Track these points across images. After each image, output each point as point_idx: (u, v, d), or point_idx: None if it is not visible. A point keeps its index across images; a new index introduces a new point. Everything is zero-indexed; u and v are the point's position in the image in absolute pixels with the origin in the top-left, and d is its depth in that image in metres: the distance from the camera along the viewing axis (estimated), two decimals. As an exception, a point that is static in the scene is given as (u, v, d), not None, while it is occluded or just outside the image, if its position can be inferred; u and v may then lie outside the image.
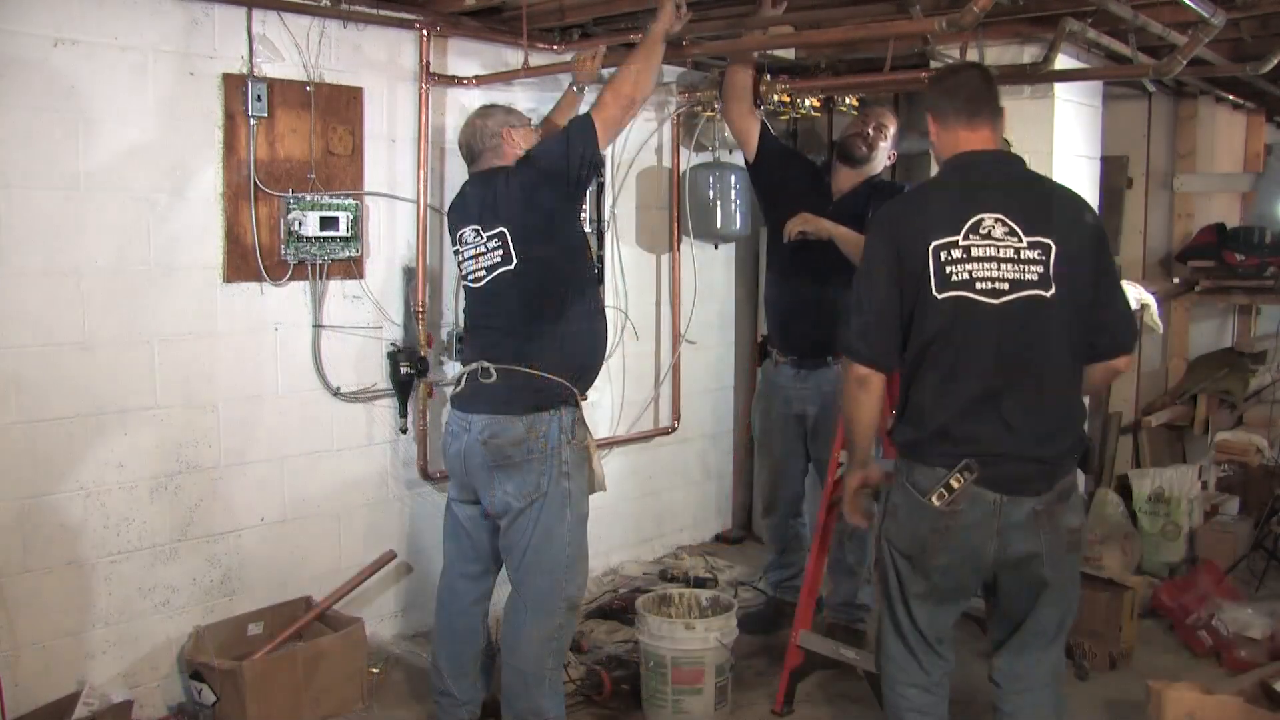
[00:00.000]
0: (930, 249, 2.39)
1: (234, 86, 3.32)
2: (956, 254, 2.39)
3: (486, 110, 3.16)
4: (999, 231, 2.40)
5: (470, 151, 3.13)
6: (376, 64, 3.70)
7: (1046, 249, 2.39)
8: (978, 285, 2.38)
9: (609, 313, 4.26)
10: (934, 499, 2.40)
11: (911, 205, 2.60)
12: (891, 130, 3.76)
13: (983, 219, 2.40)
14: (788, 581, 4.07)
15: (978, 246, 2.39)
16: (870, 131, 3.71)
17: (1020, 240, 2.39)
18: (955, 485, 2.39)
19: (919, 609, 2.55)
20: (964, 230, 2.40)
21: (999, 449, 2.40)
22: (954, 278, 2.39)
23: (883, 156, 3.76)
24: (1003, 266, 2.38)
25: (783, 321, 3.90)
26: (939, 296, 2.38)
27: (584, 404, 3.09)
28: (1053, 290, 2.38)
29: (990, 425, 2.41)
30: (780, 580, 4.12)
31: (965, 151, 2.50)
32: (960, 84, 2.54)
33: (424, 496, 3.95)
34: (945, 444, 2.42)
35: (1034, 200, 2.46)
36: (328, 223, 3.50)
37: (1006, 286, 2.38)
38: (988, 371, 2.40)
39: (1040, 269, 2.38)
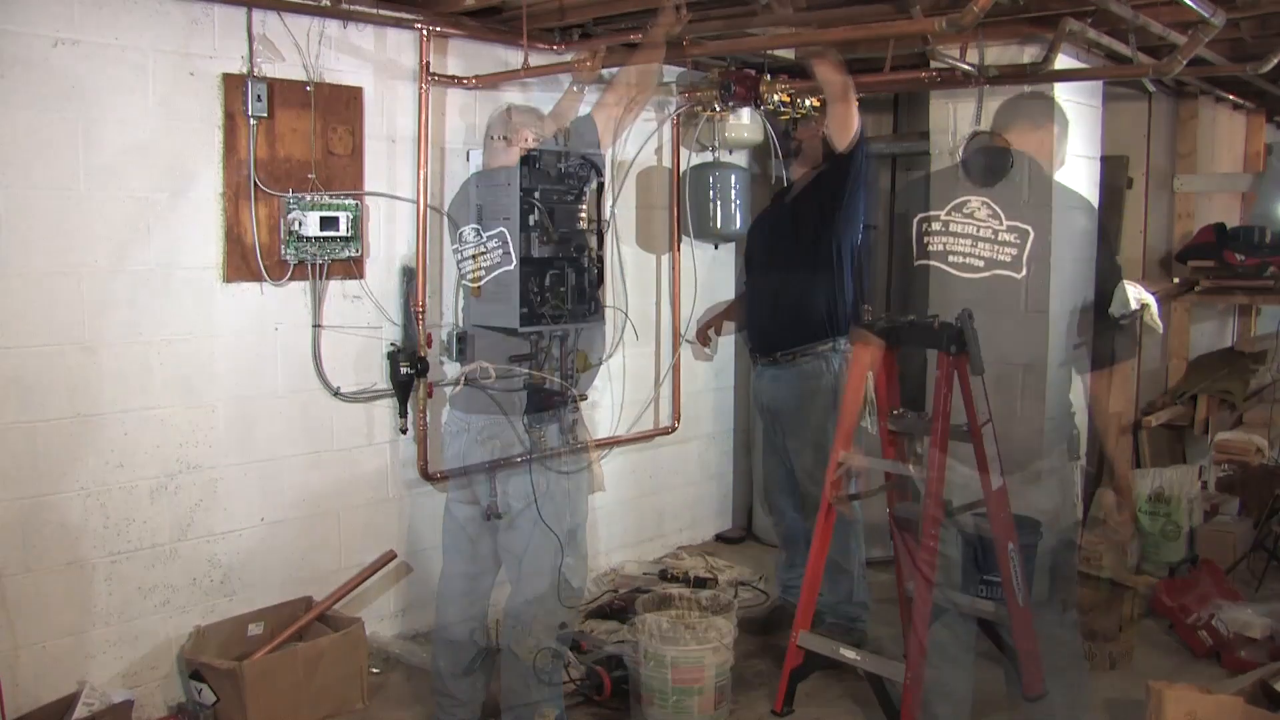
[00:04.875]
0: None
1: (234, 86, 3.32)
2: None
3: (499, 110, 3.18)
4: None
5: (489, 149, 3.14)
6: (376, 64, 3.70)
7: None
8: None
9: (609, 313, 4.27)
10: None
11: None
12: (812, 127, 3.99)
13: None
14: (796, 584, 4.05)
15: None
16: (801, 132, 3.97)
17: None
18: None
19: None
20: None
21: None
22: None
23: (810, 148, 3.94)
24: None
25: (750, 321, 4.09)
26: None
27: (584, 404, 3.08)
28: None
29: None
30: (789, 582, 4.08)
31: None
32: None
33: (424, 496, 3.95)
34: None
35: None
36: (328, 223, 3.50)
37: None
38: None
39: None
